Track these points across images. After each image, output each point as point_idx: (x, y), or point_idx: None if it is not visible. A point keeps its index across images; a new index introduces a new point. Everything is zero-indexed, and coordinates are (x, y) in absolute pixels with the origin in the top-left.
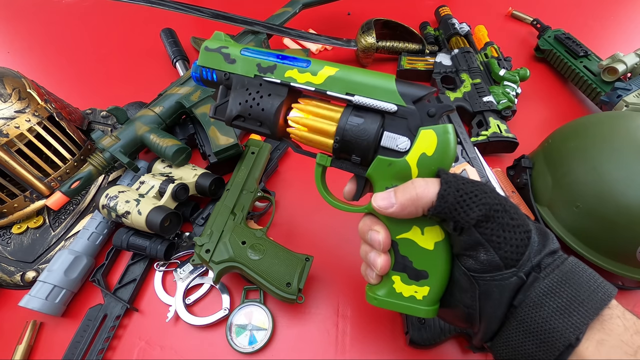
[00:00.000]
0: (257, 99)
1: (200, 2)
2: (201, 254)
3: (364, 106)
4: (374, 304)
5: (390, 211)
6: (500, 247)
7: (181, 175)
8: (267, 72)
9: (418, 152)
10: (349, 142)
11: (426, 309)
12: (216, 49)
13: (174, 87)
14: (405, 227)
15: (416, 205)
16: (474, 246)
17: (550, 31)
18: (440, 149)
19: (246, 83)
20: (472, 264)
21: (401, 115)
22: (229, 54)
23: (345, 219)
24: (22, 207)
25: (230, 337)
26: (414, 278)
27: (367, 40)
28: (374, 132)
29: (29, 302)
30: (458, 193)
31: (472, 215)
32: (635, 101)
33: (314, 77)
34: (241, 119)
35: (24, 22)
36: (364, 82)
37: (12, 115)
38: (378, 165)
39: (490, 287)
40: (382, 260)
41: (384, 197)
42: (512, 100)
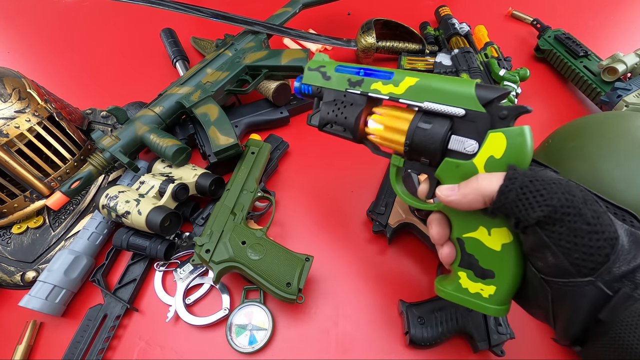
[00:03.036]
0: (342, 108)
1: (200, 2)
2: (201, 254)
3: (433, 111)
4: (441, 295)
5: (452, 199)
6: (570, 253)
7: (181, 175)
8: (355, 85)
9: (486, 154)
10: (417, 146)
11: (494, 307)
12: (316, 69)
13: (174, 87)
14: (472, 227)
15: (477, 195)
16: (539, 247)
17: (550, 31)
18: (510, 152)
19: (333, 95)
20: (541, 266)
21: (470, 119)
22: (325, 72)
23: (345, 219)
24: (22, 207)
25: (230, 337)
26: (480, 276)
27: (367, 40)
28: (441, 136)
29: (29, 302)
30: (521, 190)
31: (532, 215)
32: (635, 101)
33: (396, 88)
34: (329, 125)
35: (24, 22)
36: (440, 88)
37: (12, 115)
38: (446, 166)
39: (563, 292)
40: (444, 251)
41: (448, 188)
42: (512, 101)
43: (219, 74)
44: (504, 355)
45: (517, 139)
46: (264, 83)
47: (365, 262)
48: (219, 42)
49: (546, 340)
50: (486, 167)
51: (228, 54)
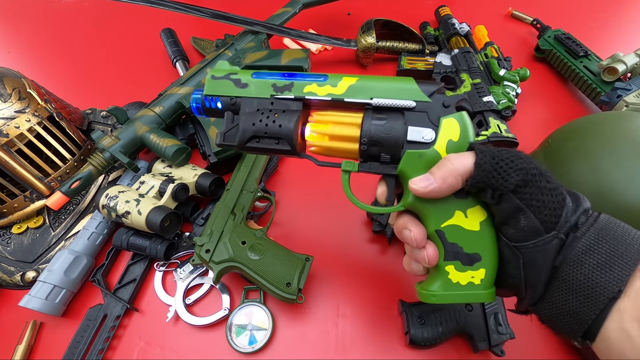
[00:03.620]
0: (272, 117)
1: (200, 2)
2: (201, 254)
3: (384, 107)
4: (432, 301)
5: (431, 188)
6: (540, 211)
7: (181, 175)
8: (284, 90)
9: (445, 139)
10: (377, 142)
11: (485, 292)
12: (224, 77)
13: (174, 87)
14: (448, 214)
15: (455, 176)
16: (514, 213)
17: (550, 31)
18: (464, 134)
19: (256, 104)
20: (513, 233)
21: (420, 110)
22: (239, 79)
23: (345, 219)
24: (22, 207)
25: (230, 337)
26: (468, 263)
27: (367, 40)
28: (400, 127)
29: (29, 302)
30: (494, 160)
31: (510, 181)
32: (635, 101)
33: (334, 89)
34: (255, 140)
35: (24, 22)
36: (382, 86)
37: (12, 115)
38: (408, 159)
39: (533, 254)
40: (429, 252)
41: (422, 178)
42: (512, 100)
43: None
44: (504, 355)
45: (466, 122)
46: None
47: (365, 262)
48: (219, 42)
49: (546, 340)
50: (448, 151)
51: (228, 54)
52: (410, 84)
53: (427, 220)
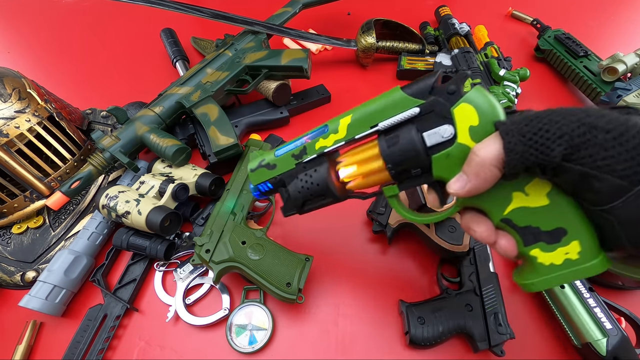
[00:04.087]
0: (308, 179)
1: (200, 2)
2: (201, 254)
3: (392, 126)
4: (534, 289)
5: (468, 187)
6: (613, 169)
7: (181, 175)
8: (302, 155)
9: (465, 129)
10: (401, 162)
11: (592, 263)
12: (258, 167)
13: (174, 87)
14: (506, 199)
15: (488, 168)
16: (580, 180)
17: (550, 31)
18: (483, 112)
19: (294, 174)
20: (591, 198)
21: (426, 111)
22: (268, 163)
23: (345, 218)
24: (22, 207)
25: (230, 337)
26: (553, 241)
27: (367, 40)
28: (415, 139)
29: (29, 302)
30: (525, 138)
31: (554, 154)
32: (635, 101)
33: (337, 135)
34: (309, 203)
35: (24, 22)
36: (376, 109)
37: (12, 115)
38: (438, 164)
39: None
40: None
41: (456, 180)
42: (512, 100)
43: (219, 74)
44: (504, 355)
45: (479, 99)
46: (264, 83)
47: (365, 262)
48: (219, 42)
49: (546, 340)
50: (474, 138)
51: (228, 54)
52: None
53: (488, 213)
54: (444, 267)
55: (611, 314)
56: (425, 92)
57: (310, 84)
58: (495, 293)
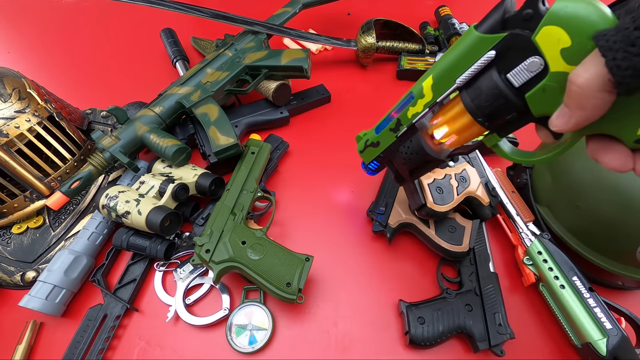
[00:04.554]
0: (408, 150)
1: (200, 2)
2: (201, 254)
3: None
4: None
5: (573, 121)
6: None
7: (181, 175)
8: (399, 127)
9: (556, 54)
10: (492, 113)
11: None
12: (365, 147)
13: (174, 87)
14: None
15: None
16: None
17: None
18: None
19: (393, 148)
20: None
21: (505, 49)
22: (372, 142)
23: (345, 219)
24: (22, 207)
25: (230, 337)
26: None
27: (367, 40)
28: (499, 84)
29: (29, 302)
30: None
31: None
32: None
33: (424, 99)
34: (416, 170)
35: (24, 22)
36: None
37: (12, 115)
38: (534, 101)
39: None
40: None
41: (557, 115)
42: None
43: (219, 74)
44: (504, 355)
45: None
46: (264, 83)
47: (365, 262)
48: (219, 42)
49: (546, 340)
50: (569, 62)
51: (228, 54)
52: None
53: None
54: (444, 267)
55: (611, 314)
56: (499, 26)
57: (310, 84)
58: (495, 293)
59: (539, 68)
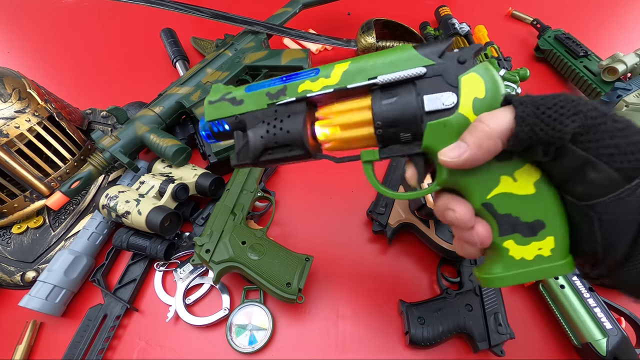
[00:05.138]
0: (278, 124)
1: (200, 2)
2: (201, 254)
3: (391, 82)
4: (497, 285)
5: (465, 156)
6: (614, 159)
7: (181, 175)
8: (279, 96)
9: (469, 99)
10: (393, 122)
11: (561, 263)
12: (219, 99)
13: (174, 87)
14: (493, 182)
15: (493, 138)
16: (578, 167)
17: (550, 31)
18: (491, 88)
19: (260, 116)
20: (581, 190)
21: (433, 74)
22: (234, 97)
23: (345, 219)
24: (22, 207)
25: (230, 337)
26: (530, 234)
27: (367, 40)
28: (414, 100)
29: (29, 302)
30: (539, 110)
31: (565, 130)
32: (635, 101)
33: (328, 80)
34: (269, 152)
35: (24, 22)
36: (380, 62)
37: (12, 115)
38: (432, 131)
39: (611, 210)
40: (479, 231)
41: (453, 147)
42: None
43: (219, 74)
44: (504, 355)
45: (489, 73)
46: None
47: (365, 262)
48: (219, 42)
49: (546, 340)
50: (476, 111)
51: (228, 54)
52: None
53: (470, 195)
54: (444, 267)
55: (611, 314)
56: (436, 55)
57: None
58: (495, 293)
59: (451, 104)
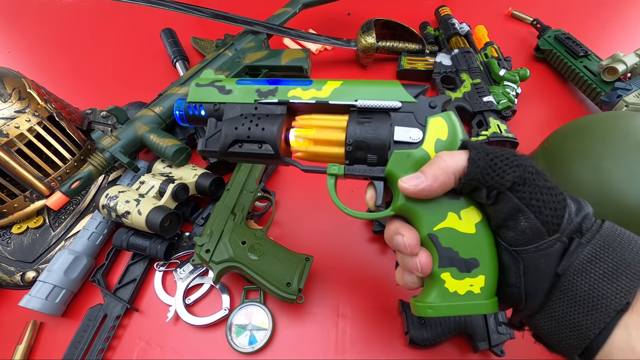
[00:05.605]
0: (255, 120)
1: (200, 2)
2: (201, 254)
3: (369, 108)
4: (429, 314)
5: (422, 186)
6: (541, 211)
7: (181, 175)
8: (268, 95)
9: (433, 138)
10: (363, 143)
11: (487, 302)
12: (208, 84)
13: (174, 87)
14: (441, 216)
15: (447, 173)
16: (512, 214)
17: (550, 31)
18: (452, 132)
19: (240, 110)
20: (512, 237)
21: (406, 110)
22: (223, 86)
23: (345, 219)
24: (22, 207)
25: (230, 337)
26: (465, 270)
27: (367, 40)
28: (386, 128)
29: (29, 302)
30: (489, 157)
31: (507, 178)
32: (635, 101)
33: (319, 92)
34: (238, 144)
35: (24, 22)
36: (367, 89)
37: (12, 115)
38: (396, 159)
39: (535, 259)
40: (422, 258)
41: (413, 177)
42: (512, 100)
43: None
44: (504, 355)
45: (452, 120)
46: None
47: (365, 262)
48: (219, 42)
49: None
50: (436, 150)
51: (228, 54)
52: (395, 86)
53: (418, 224)
54: None
55: None
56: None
57: None
58: None
59: (417, 139)
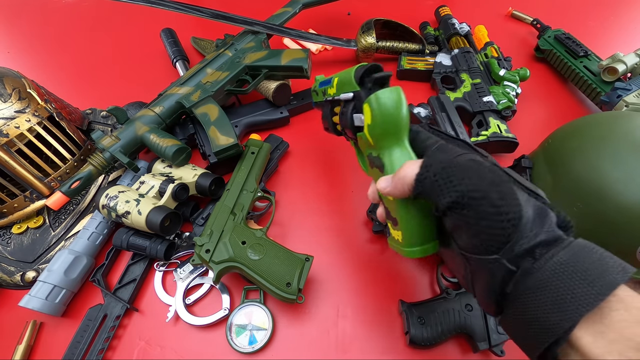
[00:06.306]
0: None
1: (200, 2)
2: (201, 254)
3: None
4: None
5: (387, 191)
6: (477, 235)
7: (181, 175)
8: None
9: (366, 123)
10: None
11: (405, 250)
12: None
13: (174, 87)
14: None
15: (402, 185)
16: (456, 228)
17: (550, 31)
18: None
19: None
20: (461, 244)
21: (358, 99)
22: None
23: (345, 219)
24: (22, 207)
25: (230, 337)
26: (394, 224)
27: (367, 40)
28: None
29: (29, 302)
30: (434, 177)
31: (443, 202)
32: (635, 101)
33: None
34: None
35: (24, 22)
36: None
37: (12, 115)
38: (360, 140)
39: (478, 266)
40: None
41: (384, 180)
42: (512, 100)
43: (219, 74)
44: (504, 355)
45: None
46: (264, 83)
47: (365, 262)
48: (219, 42)
49: None
50: (370, 134)
51: (228, 54)
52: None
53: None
54: (443, 267)
55: None
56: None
57: (310, 84)
58: None
59: (361, 123)
